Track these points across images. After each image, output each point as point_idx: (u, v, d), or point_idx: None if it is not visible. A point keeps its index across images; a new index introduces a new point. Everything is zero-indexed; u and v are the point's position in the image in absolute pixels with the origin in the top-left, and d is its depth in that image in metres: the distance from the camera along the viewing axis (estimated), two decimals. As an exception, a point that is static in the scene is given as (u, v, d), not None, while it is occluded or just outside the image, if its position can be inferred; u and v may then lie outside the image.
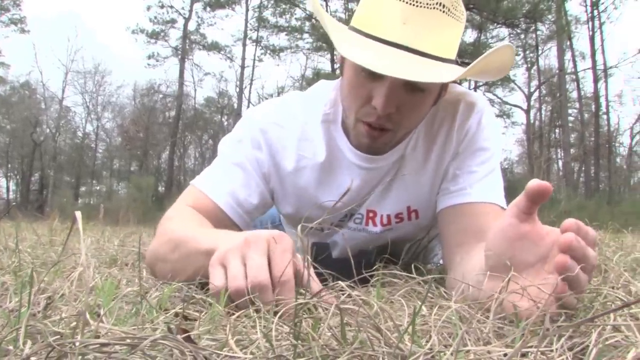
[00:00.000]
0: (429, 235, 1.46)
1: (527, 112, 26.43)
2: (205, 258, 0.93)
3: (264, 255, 0.85)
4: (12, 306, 0.79)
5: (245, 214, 1.29)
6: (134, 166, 32.31)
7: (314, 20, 23.39)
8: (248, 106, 20.88)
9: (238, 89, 27.73)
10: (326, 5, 22.75)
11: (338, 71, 1.31)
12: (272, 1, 25.35)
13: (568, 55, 24.74)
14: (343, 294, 0.75)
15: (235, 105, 28.23)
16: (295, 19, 25.14)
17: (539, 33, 24.81)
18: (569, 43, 24.19)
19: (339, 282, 0.67)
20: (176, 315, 0.76)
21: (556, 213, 5.04)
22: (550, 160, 25.07)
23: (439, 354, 0.51)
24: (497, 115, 28.02)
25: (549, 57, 28.51)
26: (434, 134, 1.30)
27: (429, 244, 1.50)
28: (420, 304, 0.64)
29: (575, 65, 24.95)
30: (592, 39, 23.26)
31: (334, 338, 0.59)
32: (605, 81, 24.04)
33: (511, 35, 24.61)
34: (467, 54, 24.94)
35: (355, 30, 1.13)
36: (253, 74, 27.83)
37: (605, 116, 25.07)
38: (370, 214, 1.36)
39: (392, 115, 1.13)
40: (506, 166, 31.03)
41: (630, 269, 1.30)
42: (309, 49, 26.68)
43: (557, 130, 28.25)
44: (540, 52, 26.30)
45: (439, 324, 0.62)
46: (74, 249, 1.71)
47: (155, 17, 26.49)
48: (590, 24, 23.54)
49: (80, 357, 0.45)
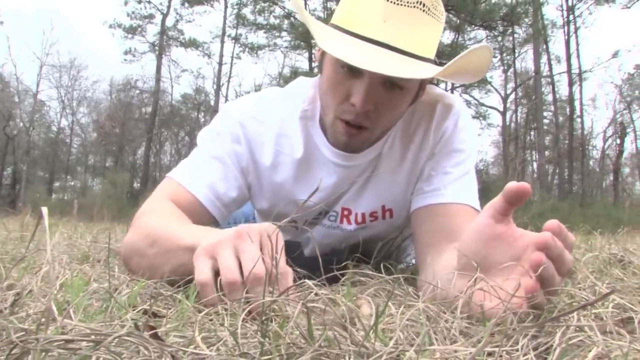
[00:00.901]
0: (402, 234, 1.47)
1: (503, 114, 26.69)
2: (187, 254, 0.91)
3: (258, 248, 0.83)
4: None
5: (224, 207, 1.28)
6: (109, 162, 31.97)
7: (292, 18, 23.37)
8: (226, 103, 20.72)
9: (215, 86, 27.55)
10: (305, 4, 22.71)
11: (316, 69, 1.31)
12: (251, -1, 25.26)
13: (544, 59, 25.03)
14: (311, 293, 0.76)
15: (212, 103, 28.06)
16: (274, 16, 25.05)
17: (515, 36, 25.06)
18: (545, 46, 24.46)
19: (306, 281, 0.67)
20: (145, 312, 0.76)
21: (530, 215, 5.10)
22: (525, 162, 25.34)
23: (403, 352, 0.52)
24: (474, 117, 28.20)
25: (526, 60, 28.79)
26: (411, 134, 1.31)
27: (402, 244, 1.51)
28: (385, 302, 0.65)
29: (550, 69, 25.26)
30: (568, 43, 23.55)
31: (302, 336, 0.59)
32: (580, 85, 24.39)
33: (488, 37, 24.79)
34: (445, 55, 25.09)
35: (336, 28, 1.14)
36: (231, 71, 27.69)
37: (579, 119, 25.43)
38: (345, 212, 1.37)
39: (370, 113, 1.14)
40: (482, 167, 31.28)
41: (598, 270, 1.32)
42: (287, 48, 26.61)
43: (533, 133, 28.54)
44: (516, 55, 26.56)
45: (404, 323, 0.62)
46: (45, 245, 1.69)
47: (133, 12, 26.20)
48: (566, 28, 23.83)
49: (43, 354, 0.45)
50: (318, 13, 22.98)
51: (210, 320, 0.72)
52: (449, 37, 25.74)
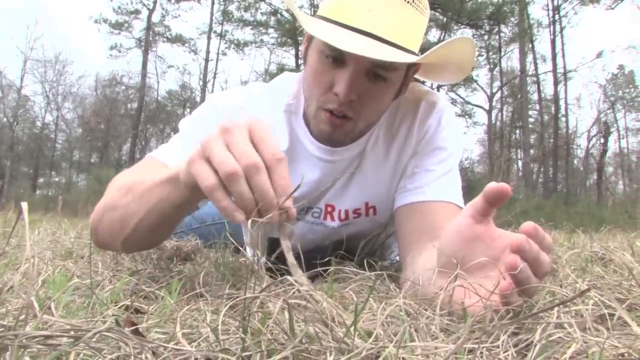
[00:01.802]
0: (385, 231, 1.47)
1: (489, 113, 26.81)
2: (168, 186, 0.91)
3: (248, 139, 0.81)
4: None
5: None
6: (95, 158, 31.78)
7: (279, 15, 23.33)
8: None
9: (201, 83, 27.47)
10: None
11: (302, 66, 1.31)
12: (238, -5, 25.17)
13: (530, 58, 25.20)
14: (292, 289, 0.76)
15: (198, 99, 27.97)
16: (261, 13, 25.00)
17: (502, 35, 25.17)
18: (530, 46, 24.62)
19: (287, 277, 0.67)
20: (126, 308, 0.75)
21: (514, 213, 5.13)
22: (510, 160, 25.49)
23: (383, 348, 0.52)
24: (459, 115, 28.41)
25: (511, 59, 29.00)
26: (395, 131, 1.31)
27: (386, 241, 1.51)
28: (366, 298, 0.65)
29: (536, 68, 25.41)
30: (553, 42, 23.72)
31: (284, 332, 0.59)
32: (565, 84, 24.58)
33: (475, 36, 24.86)
34: (432, 54, 25.13)
35: (322, 19, 1.15)
36: (217, 67, 27.64)
37: (564, 118, 25.63)
38: (329, 209, 1.37)
39: (354, 104, 1.14)
40: (467, 165, 31.42)
41: (580, 268, 1.34)
42: (273, 44, 26.57)
43: (518, 131, 28.75)
44: (502, 54, 26.68)
45: (384, 319, 0.63)
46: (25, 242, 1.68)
47: (119, 8, 26.05)
48: (551, 27, 23.99)
49: (22, 350, 0.44)
50: (305, 10, 22.95)
51: (192, 316, 0.72)
52: (435, 35, 25.78)
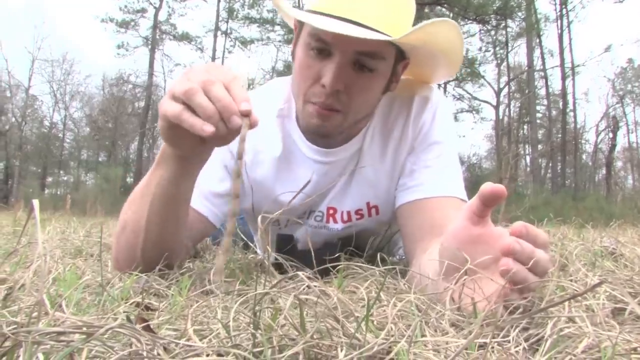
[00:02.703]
0: (390, 228, 1.47)
1: (496, 108, 26.73)
2: (160, 166, 1.00)
3: (205, 70, 0.88)
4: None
5: (207, 201, 1.27)
6: (102, 157, 31.92)
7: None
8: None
9: (209, 80, 27.38)
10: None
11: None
12: (244, -8, 25.19)
13: (537, 53, 25.10)
14: (303, 285, 0.76)
15: (206, 97, 27.90)
16: (267, 10, 24.99)
17: (509, 30, 25.08)
18: (538, 40, 24.52)
19: (298, 273, 0.67)
20: (137, 305, 0.76)
21: (522, 208, 5.12)
22: (518, 156, 25.36)
23: (395, 343, 0.52)
24: (466, 111, 28.37)
25: (519, 54, 28.89)
26: (390, 129, 1.31)
27: (393, 237, 1.51)
28: (376, 295, 0.65)
29: (544, 63, 25.32)
30: (561, 37, 23.61)
31: (294, 328, 0.59)
32: (573, 79, 24.46)
33: (482, 31, 24.81)
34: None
35: (309, 12, 1.15)
36: (223, 65, 27.61)
37: (572, 113, 25.52)
38: (331, 211, 1.37)
39: (341, 96, 1.14)
40: (475, 161, 31.38)
41: (590, 263, 1.33)
42: (280, 42, 26.55)
43: (526, 127, 28.66)
44: (510, 49, 26.60)
45: (394, 314, 0.63)
46: (36, 240, 1.68)
47: (125, 6, 26.09)
48: (559, 22, 23.89)
49: (35, 346, 0.45)
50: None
51: (203, 313, 0.72)
52: (442, 31, 25.65)
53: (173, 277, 1.03)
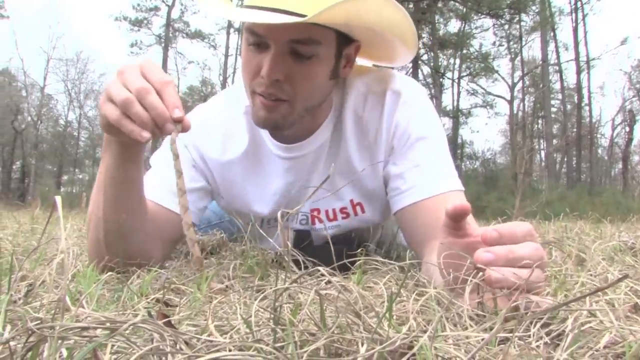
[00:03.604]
0: (392, 231, 1.47)
1: (511, 103, 26.61)
2: (107, 153, 1.06)
3: (139, 73, 0.93)
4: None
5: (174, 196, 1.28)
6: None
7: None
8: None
9: (222, 78, 27.61)
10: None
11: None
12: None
13: (551, 47, 24.94)
14: (322, 280, 0.76)
15: (219, 94, 28.04)
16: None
17: (522, 24, 24.94)
18: (552, 34, 24.36)
19: (318, 268, 0.67)
20: (157, 301, 0.76)
21: (538, 203, 5.09)
22: (532, 150, 25.25)
23: (417, 338, 0.52)
24: (481, 106, 28.26)
25: (533, 48, 28.77)
26: (365, 124, 1.28)
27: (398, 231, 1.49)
28: (397, 289, 0.65)
29: (558, 57, 25.16)
30: (576, 30, 23.44)
31: (314, 323, 0.59)
32: (588, 73, 24.30)
33: (495, 25, 24.70)
34: (452, 44, 25.02)
35: (246, 7, 1.15)
36: (236, 62, 27.71)
37: (587, 107, 25.34)
38: (315, 212, 1.36)
39: (284, 85, 1.13)
40: (489, 156, 31.24)
41: (608, 258, 1.32)
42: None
43: (540, 121, 28.48)
44: (524, 43, 26.44)
45: (416, 309, 0.62)
46: (56, 237, 1.70)
47: (139, 5, 26.25)
48: (573, 15, 23.72)
49: (59, 341, 0.45)
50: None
51: (222, 308, 0.72)
52: (455, 26, 25.64)
53: (191, 273, 1.04)
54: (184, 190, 0.94)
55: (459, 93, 28.01)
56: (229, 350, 0.50)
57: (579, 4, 23.53)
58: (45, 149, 31.19)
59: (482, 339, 0.59)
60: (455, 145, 28.25)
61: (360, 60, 1.31)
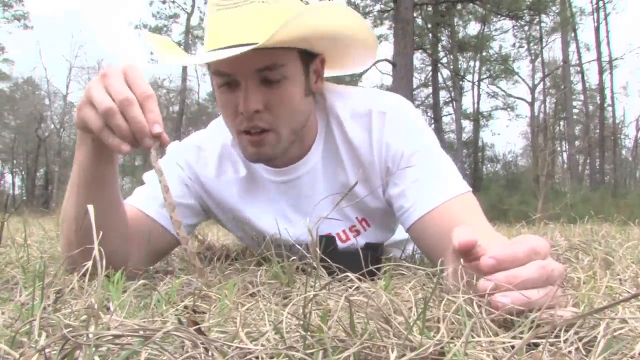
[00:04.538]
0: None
1: (531, 105, 26.40)
2: (80, 148, 1.06)
3: (123, 80, 0.94)
4: (23, 299, 0.80)
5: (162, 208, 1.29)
6: (139, 161, 32.38)
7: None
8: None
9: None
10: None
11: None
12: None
13: (572, 47, 24.72)
14: (351, 287, 0.76)
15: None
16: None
17: (543, 25, 24.74)
18: (573, 35, 24.13)
19: (348, 274, 0.67)
20: (185, 307, 0.77)
21: (561, 205, 5.04)
22: (554, 152, 24.98)
23: (448, 344, 0.52)
24: (501, 108, 28.07)
25: (553, 49, 28.50)
26: (355, 147, 1.27)
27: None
28: (427, 295, 0.64)
29: (579, 57, 24.91)
30: (597, 30, 23.20)
31: (343, 330, 0.59)
32: (611, 73, 24.03)
33: (515, 27, 24.52)
34: (471, 47, 24.91)
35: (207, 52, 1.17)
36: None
37: (610, 108, 25.05)
38: (327, 235, 1.35)
39: (263, 115, 1.14)
40: (510, 159, 31.00)
41: (637, 261, 1.30)
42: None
43: (562, 123, 28.23)
44: (544, 45, 26.23)
45: (443, 315, 0.62)
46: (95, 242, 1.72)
47: (158, 12, 26.49)
48: (595, 15, 23.49)
49: (94, 349, 0.45)
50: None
51: (250, 315, 0.72)
52: (474, 28, 25.49)
53: (215, 280, 1.04)
54: (173, 205, 0.96)
55: (479, 96, 27.90)
56: (261, 358, 0.50)
57: (600, 3, 23.32)
58: (68, 156, 31.51)
59: (513, 346, 0.58)
60: (476, 148, 28.12)
61: (329, 72, 1.34)
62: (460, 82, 26.24)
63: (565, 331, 0.61)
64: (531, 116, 26.54)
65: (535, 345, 0.59)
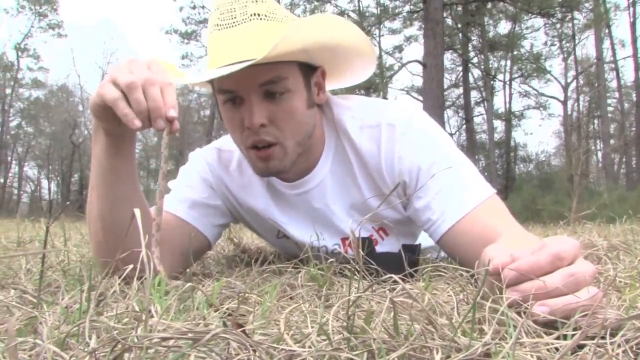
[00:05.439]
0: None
1: (564, 104, 26.00)
2: (97, 140, 1.08)
3: (147, 68, 0.99)
4: (66, 303, 0.81)
5: (192, 210, 1.34)
6: (171, 165, 32.69)
7: (346, 16, 23.32)
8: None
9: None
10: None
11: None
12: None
13: (606, 44, 24.27)
14: (393, 288, 0.76)
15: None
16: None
17: (575, 22, 24.34)
18: (607, 31, 23.70)
19: (392, 276, 0.67)
20: (227, 310, 0.77)
21: (597, 204, 4.96)
22: (589, 151, 24.57)
23: (495, 347, 0.51)
24: (533, 108, 27.71)
25: (586, 47, 28.10)
26: (365, 159, 1.27)
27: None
28: (470, 296, 0.64)
29: (614, 54, 24.46)
30: (633, 25, 22.75)
31: (386, 331, 0.59)
32: (646, 69, 23.48)
33: (546, 25, 24.20)
34: (502, 46, 24.64)
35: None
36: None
37: (646, 105, 24.50)
38: (347, 241, 1.37)
39: (269, 129, 1.16)
40: (543, 159, 30.59)
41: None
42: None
43: (596, 121, 27.76)
44: (577, 42, 25.82)
45: (496, 317, 0.61)
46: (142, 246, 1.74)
47: (188, 18, 26.76)
48: (631, 10, 23.02)
49: (144, 351, 0.46)
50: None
51: (293, 317, 0.72)
52: (505, 27, 25.21)
53: (252, 283, 1.05)
54: (163, 194, 0.99)
55: (510, 95, 27.57)
56: (308, 359, 0.50)
57: (635, -1, 22.86)
58: (101, 161, 32.01)
59: (557, 348, 0.57)
60: (508, 148, 27.78)
61: (331, 85, 1.37)
62: (492, 82, 25.97)
63: (611, 334, 0.60)
64: (564, 115, 26.15)
65: (580, 348, 0.58)
